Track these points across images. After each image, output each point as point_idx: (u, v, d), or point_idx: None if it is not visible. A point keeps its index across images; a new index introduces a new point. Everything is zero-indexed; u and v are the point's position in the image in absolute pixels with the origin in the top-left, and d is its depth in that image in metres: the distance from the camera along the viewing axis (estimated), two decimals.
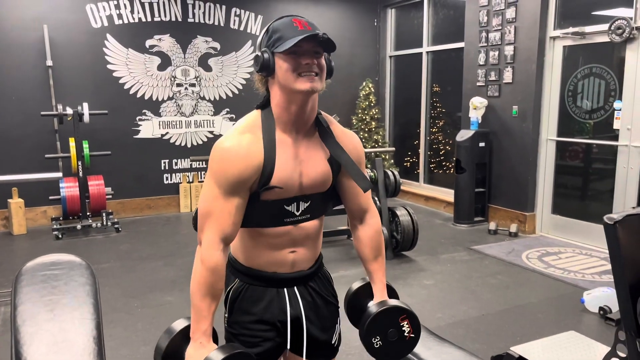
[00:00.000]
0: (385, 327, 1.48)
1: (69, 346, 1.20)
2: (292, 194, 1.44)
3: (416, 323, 1.51)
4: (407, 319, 1.49)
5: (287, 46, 1.31)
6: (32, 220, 5.74)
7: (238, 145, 1.38)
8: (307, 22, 1.36)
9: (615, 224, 2.07)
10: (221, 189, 1.37)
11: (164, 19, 6.19)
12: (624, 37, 4.46)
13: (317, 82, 1.36)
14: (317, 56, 1.37)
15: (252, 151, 1.37)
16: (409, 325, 1.49)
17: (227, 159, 1.36)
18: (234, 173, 1.36)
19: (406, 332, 1.49)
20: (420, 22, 6.97)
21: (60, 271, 1.36)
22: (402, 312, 1.50)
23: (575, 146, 5.21)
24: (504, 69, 5.48)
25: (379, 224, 1.61)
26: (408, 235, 4.54)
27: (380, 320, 1.48)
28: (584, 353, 2.61)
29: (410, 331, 1.49)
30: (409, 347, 1.52)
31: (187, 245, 5.07)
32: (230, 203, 1.38)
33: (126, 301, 3.73)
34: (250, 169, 1.37)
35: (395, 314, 1.49)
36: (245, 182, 1.38)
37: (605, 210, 4.57)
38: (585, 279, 4.10)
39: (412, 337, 1.51)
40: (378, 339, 1.47)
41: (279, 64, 1.35)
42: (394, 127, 7.76)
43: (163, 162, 6.41)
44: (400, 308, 1.51)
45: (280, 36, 1.35)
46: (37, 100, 5.64)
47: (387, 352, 1.49)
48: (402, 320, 1.49)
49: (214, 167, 1.38)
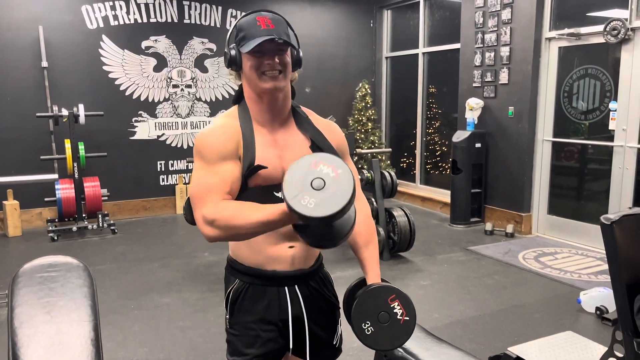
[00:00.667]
0: (374, 310, 1.36)
1: (67, 348, 1.20)
2: (278, 179, 1.44)
3: (408, 303, 1.39)
4: (398, 299, 1.37)
5: (249, 48, 1.38)
6: (27, 222, 5.71)
7: (217, 127, 1.46)
8: (271, 19, 1.42)
9: (612, 224, 2.08)
10: (210, 163, 1.40)
11: (160, 20, 6.18)
12: (619, 38, 4.48)
13: (280, 80, 1.42)
14: (281, 54, 1.42)
15: (231, 129, 1.44)
16: (400, 306, 1.37)
17: (209, 138, 1.43)
18: (217, 145, 1.41)
19: (399, 314, 1.37)
20: (416, 23, 6.98)
21: (57, 273, 1.36)
22: (390, 292, 1.38)
23: (571, 147, 5.23)
24: (499, 70, 5.49)
25: (368, 210, 1.60)
26: (405, 236, 4.54)
27: (368, 302, 1.37)
28: (581, 353, 2.62)
29: (403, 313, 1.37)
30: (404, 332, 1.38)
31: (183, 246, 5.06)
32: (223, 170, 1.40)
33: (122, 303, 3.71)
34: (232, 142, 1.42)
35: (383, 295, 1.38)
36: (230, 152, 1.41)
37: (601, 211, 4.59)
38: (582, 279, 4.11)
39: (407, 320, 1.37)
40: (369, 324, 1.35)
41: (245, 61, 1.44)
42: (391, 128, 7.77)
43: (159, 164, 6.39)
44: (388, 287, 1.40)
45: (245, 35, 1.42)
46: (33, 101, 5.62)
47: (380, 338, 1.37)
48: (392, 301, 1.37)
49: (198, 148, 1.44)
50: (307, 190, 1.16)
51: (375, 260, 1.51)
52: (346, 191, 1.17)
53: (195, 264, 4.50)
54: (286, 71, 1.43)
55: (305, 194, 1.16)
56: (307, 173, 1.19)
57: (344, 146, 1.59)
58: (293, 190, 1.16)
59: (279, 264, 1.50)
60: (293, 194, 1.16)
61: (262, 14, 1.43)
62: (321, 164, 1.20)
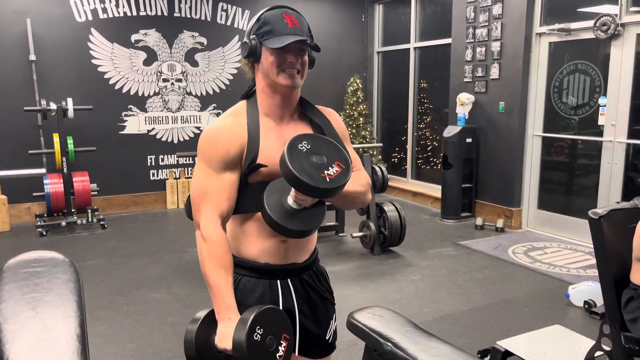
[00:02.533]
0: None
1: (52, 344, 1.18)
2: (279, 175, 1.45)
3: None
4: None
5: (277, 45, 1.40)
6: (15, 217, 5.66)
7: (222, 125, 1.46)
8: (297, 18, 1.44)
9: (600, 218, 2.09)
10: (212, 167, 1.43)
11: (150, 14, 6.12)
12: (609, 34, 4.50)
13: (298, 79, 1.46)
14: (302, 54, 1.46)
15: (236, 131, 1.45)
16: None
17: (213, 139, 1.44)
18: (221, 151, 1.42)
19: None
20: (407, 18, 6.97)
21: (42, 268, 1.34)
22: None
23: (561, 142, 5.26)
24: (490, 65, 5.50)
25: (368, 178, 1.60)
26: (396, 230, 4.55)
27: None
28: (569, 346, 2.64)
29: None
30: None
31: (174, 242, 5.04)
32: (223, 179, 1.43)
33: (112, 298, 3.69)
34: (236, 146, 1.43)
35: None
36: (233, 159, 1.43)
37: (590, 206, 4.62)
38: (571, 273, 4.14)
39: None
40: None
41: (266, 55, 1.44)
42: (382, 123, 7.77)
43: (149, 158, 6.35)
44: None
45: (271, 29, 1.42)
46: (20, 95, 5.55)
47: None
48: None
49: (202, 149, 1.46)
50: (264, 333, 1.32)
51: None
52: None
53: (185, 259, 4.48)
54: (304, 71, 1.48)
55: (262, 331, 1.32)
56: (275, 329, 1.36)
57: (346, 130, 1.66)
58: (259, 319, 1.32)
59: (271, 257, 1.50)
60: (256, 321, 1.31)
61: (289, 11, 1.44)
62: (285, 344, 1.38)
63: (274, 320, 1.37)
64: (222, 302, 1.37)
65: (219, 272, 1.38)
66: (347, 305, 3.25)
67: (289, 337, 1.39)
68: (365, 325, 1.52)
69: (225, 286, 1.37)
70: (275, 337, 1.35)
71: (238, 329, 1.30)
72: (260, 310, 1.33)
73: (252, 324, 1.30)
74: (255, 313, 1.32)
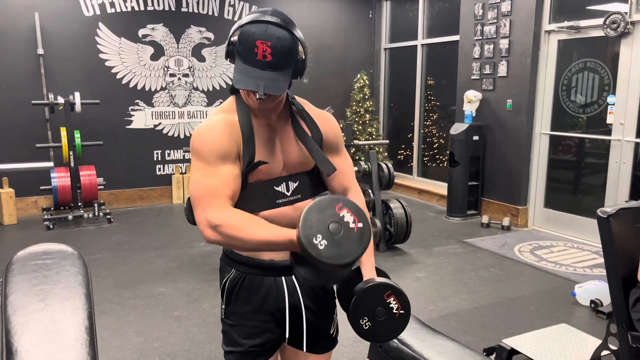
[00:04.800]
0: (371, 306, 1.38)
1: (61, 336, 1.19)
2: (278, 173, 1.46)
3: (403, 298, 1.40)
4: (393, 295, 1.39)
5: (236, 83, 1.31)
6: (22, 211, 5.69)
7: (214, 122, 1.41)
8: (272, 47, 1.29)
9: (609, 217, 2.08)
10: (210, 163, 1.37)
11: (157, 8, 6.13)
12: (618, 32, 4.46)
13: (268, 103, 1.38)
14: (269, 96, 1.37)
15: (228, 126, 1.40)
16: (396, 301, 1.39)
17: (207, 135, 1.39)
18: (217, 145, 1.37)
19: (394, 309, 1.38)
20: (415, 14, 6.94)
21: (51, 260, 1.34)
22: (387, 289, 1.39)
23: (569, 140, 5.23)
24: (498, 63, 5.48)
25: (362, 202, 1.57)
26: (401, 228, 4.55)
27: (366, 299, 1.39)
28: (576, 345, 2.63)
29: (398, 307, 1.38)
30: (399, 325, 1.41)
31: (179, 236, 5.05)
32: (224, 171, 1.37)
33: (118, 292, 3.71)
34: (229, 140, 1.38)
35: (380, 291, 1.39)
36: (230, 152, 1.38)
37: (597, 205, 4.59)
38: (577, 272, 4.12)
39: (402, 313, 1.39)
40: (366, 320, 1.38)
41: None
42: (388, 120, 7.75)
43: (156, 153, 6.37)
44: (385, 284, 1.41)
45: (240, 51, 1.32)
46: (28, 89, 5.57)
47: (377, 332, 1.40)
48: (387, 297, 1.39)
49: (196, 147, 1.40)
50: (322, 230, 1.18)
51: (370, 252, 1.50)
52: (358, 247, 1.21)
53: (191, 254, 4.49)
54: (276, 99, 1.39)
55: (320, 233, 1.18)
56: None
57: (339, 137, 1.57)
58: (309, 224, 1.18)
59: (276, 254, 1.49)
60: (308, 228, 1.18)
61: (265, 37, 1.29)
62: (345, 210, 1.22)
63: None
64: (289, 238, 1.25)
65: (260, 227, 1.30)
66: None
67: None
68: None
69: (276, 229, 1.29)
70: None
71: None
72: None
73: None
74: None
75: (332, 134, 1.55)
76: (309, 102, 1.57)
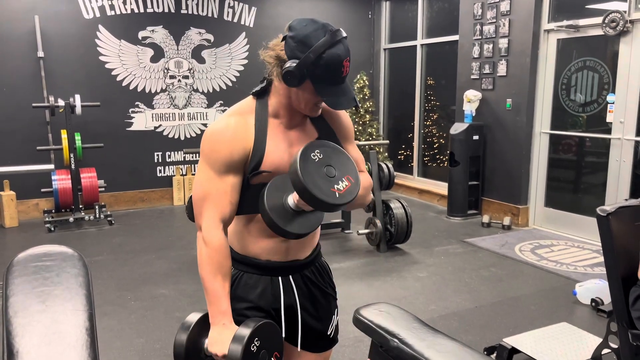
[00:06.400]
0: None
1: (62, 337, 1.19)
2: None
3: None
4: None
5: (330, 103, 1.37)
6: (24, 213, 5.70)
7: (226, 126, 1.41)
8: (349, 60, 1.44)
9: (608, 215, 2.08)
10: (214, 170, 1.40)
11: (157, 10, 6.14)
12: (617, 31, 4.47)
13: (319, 110, 1.47)
14: None
15: (241, 133, 1.41)
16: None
17: (217, 140, 1.40)
18: (224, 153, 1.39)
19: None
20: (414, 14, 6.95)
21: (52, 262, 1.35)
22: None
23: (569, 139, 5.23)
24: (498, 62, 5.48)
25: (369, 180, 1.59)
26: (402, 228, 4.55)
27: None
28: (576, 344, 2.64)
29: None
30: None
31: (180, 238, 5.06)
32: (225, 182, 1.40)
33: (119, 294, 3.71)
34: (240, 149, 1.40)
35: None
36: (236, 162, 1.40)
37: (597, 203, 4.58)
38: (578, 271, 4.12)
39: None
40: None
41: (304, 87, 1.36)
42: (388, 120, 7.76)
43: (156, 155, 6.38)
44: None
45: (325, 72, 1.36)
46: (29, 91, 5.59)
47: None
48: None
49: (205, 149, 1.42)
50: (257, 347, 1.30)
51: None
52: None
53: (192, 255, 4.50)
54: None
55: (256, 345, 1.30)
56: (265, 346, 1.35)
57: (351, 126, 1.62)
58: (255, 334, 1.30)
59: (273, 254, 1.50)
60: (252, 336, 1.30)
61: (347, 51, 1.42)
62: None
63: (270, 335, 1.36)
64: (218, 308, 1.36)
65: (217, 277, 1.37)
66: (353, 301, 3.25)
67: (280, 356, 1.38)
68: (372, 321, 1.53)
69: (222, 292, 1.37)
70: (268, 353, 1.34)
71: (236, 340, 1.29)
72: (259, 323, 1.32)
73: (250, 336, 1.29)
74: (255, 326, 1.30)
75: (347, 125, 1.59)
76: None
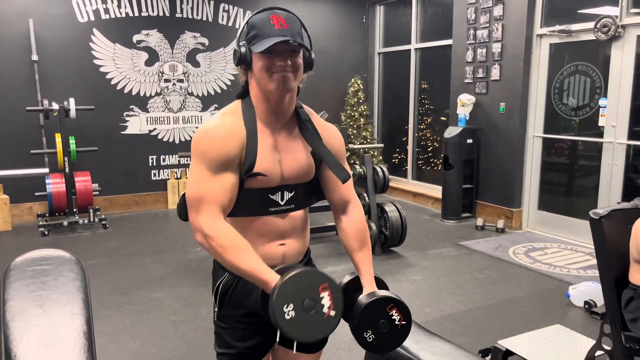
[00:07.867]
0: (375, 319, 1.42)
1: (59, 341, 1.20)
2: (276, 183, 1.47)
3: (405, 310, 1.44)
4: (396, 307, 1.43)
5: (261, 48, 1.34)
6: (17, 217, 5.67)
7: (221, 124, 1.41)
8: (286, 18, 1.38)
9: (601, 218, 2.10)
10: (210, 169, 1.38)
11: (152, 14, 6.14)
12: (609, 35, 4.51)
13: (290, 82, 1.39)
14: (293, 55, 1.40)
15: (235, 131, 1.41)
16: (398, 313, 1.43)
17: (213, 138, 1.39)
18: (221, 150, 1.38)
19: (396, 320, 1.42)
20: (408, 19, 6.99)
21: (49, 266, 1.35)
22: (389, 302, 1.43)
23: (561, 143, 5.27)
24: (491, 66, 5.52)
25: (362, 214, 1.60)
26: (396, 231, 4.56)
27: (370, 312, 1.41)
28: (570, 346, 2.66)
29: (400, 319, 1.43)
30: (401, 336, 1.45)
31: (175, 241, 5.05)
32: (222, 180, 1.38)
33: (114, 298, 3.70)
34: (235, 146, 1.39)
35: (382, 305, 1.43)
36: (232, 159, 1.39)
37: (590, 206, 4.62)
38: (571, 273, 4.15)
39: (404, 324, 1.44)
40: (370, 333, 1.41)
41: (255, 60, 1.39)
42: (383, 124, 7.78)
43: (151, 158, 6.37)
44: (387, 297, 1.44)
45: (257, 33, 1.37)
46: (23, 95, 5.57)
47: (380, 344, 1.43)
48: (390, 309, 1.42)
49: (198, 148, 1.39)
50: (296, 302, 1.23)
51: (369, 262, 1.54)
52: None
53: (187, 259, 4.49)
54: (297, 73, 1.41)
55: (292, 304, 1.23)
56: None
57: (343, 150, 1.61)
58: (284, 294, 1.23)
59: (270, 260, 1.50)
60: (282, 296, 1.22)
61: (277, 12, 1.38)
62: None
63: (302, 282, 1.26)
64: (266, 277, 1.29)
65: (243, 255, 1.32)
66: None
67: (328, 283, 1.27)
68: None
69: (257, 264, 1.31)
70: (311, 297, 1.25)
71: (271, 316, 1.23)
72: (277, 290, 1.23)
73: (276, 310, 1.22)
74: (274, 296, 1.22)
75: (338, 146, 1.57)
76: (313, 112, 1.59)
